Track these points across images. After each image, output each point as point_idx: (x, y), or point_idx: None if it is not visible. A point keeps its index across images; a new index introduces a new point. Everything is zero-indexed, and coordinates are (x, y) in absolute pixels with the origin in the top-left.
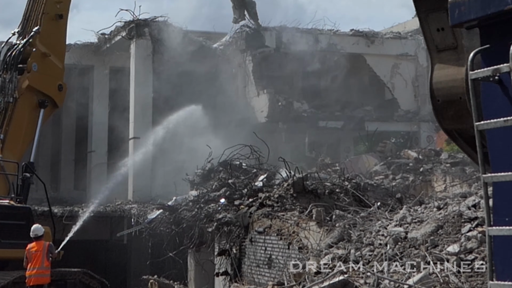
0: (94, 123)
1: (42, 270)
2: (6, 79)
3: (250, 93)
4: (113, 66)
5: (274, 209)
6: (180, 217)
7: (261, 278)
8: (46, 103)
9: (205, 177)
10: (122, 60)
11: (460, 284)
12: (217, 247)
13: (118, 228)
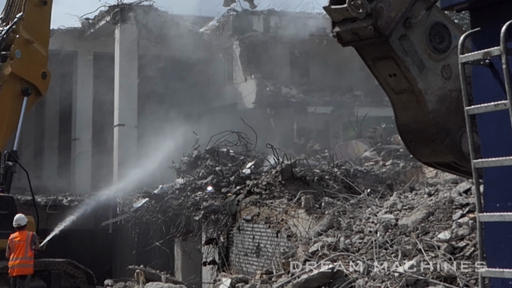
0: (78, 110)
1: (25, 260)
2: None
3: (237, 79)
4: (97, 51)
5: (262, 197)
6: (166, 205)
7: (249, 267)
8: (30, 91)
9: (191, 164)
10: (107, 46)
11: (452, 271)
12: (204, 235)
13: (103, 217)
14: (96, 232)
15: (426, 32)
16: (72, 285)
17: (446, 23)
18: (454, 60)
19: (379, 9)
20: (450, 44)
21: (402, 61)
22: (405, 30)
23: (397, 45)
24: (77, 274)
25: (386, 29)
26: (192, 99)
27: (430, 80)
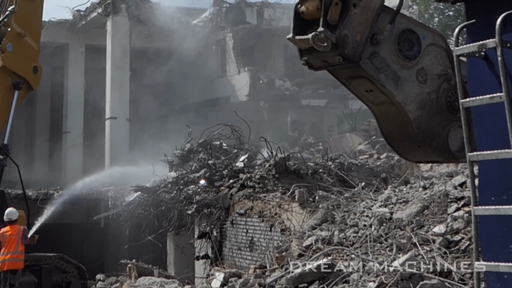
0: (69, 103)
1: (16, 254)
2: None
3: (230, 71)
4: (89, 44)
5: (256, 190)
6: (158, 199)
7: (242, 261)
8: (21, 85)
9: (184, 158)
10: (98, 38)
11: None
12: (197, 230)
13: (94, 211)
14: (87, 226)
15: (395, 42)
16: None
17: (412, 27)
18: (427, 61)
19: (344, 37)
20: (420, 47)
21: (376, 79)
22: (373, 48)
23: (368, 65)
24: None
25: (355, 55)
26: (185, 92)
27: (407, 89)
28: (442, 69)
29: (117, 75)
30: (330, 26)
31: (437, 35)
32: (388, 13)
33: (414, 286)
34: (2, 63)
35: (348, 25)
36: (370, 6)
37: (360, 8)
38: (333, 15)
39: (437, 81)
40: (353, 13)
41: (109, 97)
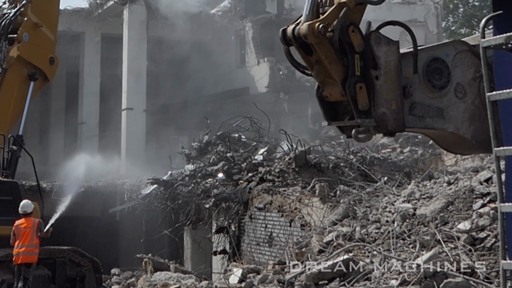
0: (84, 93)
1: (31, 248)
2: None
3: (249, 62)
4: (105, 33)
5: (275, 184)
6: (175, 192)
7: (261, 257)
8: (37, 75)
9: (202, 150)
10: (115, 27)
11: (472, 263)
12: (214, 224)
13: (110, 204)
14: (103, 220)
15: (424, 80)
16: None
17: (432, 55)
18: (459, 74)
19: (381, 117)
20: (449, 68)
21: (424, 127)
22: (409, 100)
23: (412, 121)
24: (83, 263)
25: (399, 125)
26: (203, 83)
27: (453, 115)
28: (474, 71)
29: (134, 65)
30: (364, 112)
31: (456, 43)
32: (406, 57)
33: (437, 284)
34: (18, 53)
35: (380, 101)
36: (391, 68)
37: (383, 77)
38: (362, 101)
39: (475, 85)
40: (379, 87)
41: (125, 87)
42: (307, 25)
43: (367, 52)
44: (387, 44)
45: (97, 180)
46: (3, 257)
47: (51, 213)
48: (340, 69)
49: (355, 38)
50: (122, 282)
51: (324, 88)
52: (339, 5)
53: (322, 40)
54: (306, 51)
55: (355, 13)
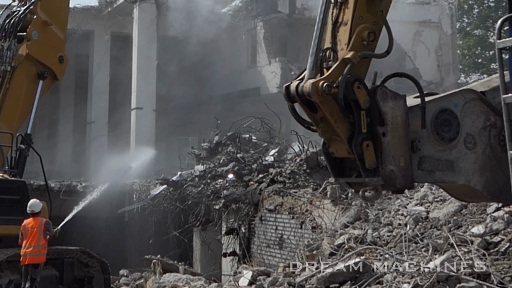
0: (94, 92)
1: (38, 248)
2: (5, 47)
3: (261, 62)
4: (115, 31)
5: (286, 186)
6: (185, 193)
7: (271, 259)
8: (46, 74)
9: (212, 151)
10: (125, 25)
11: (486, 268)
12: (224, 225)
13: (119, 204)
14: (111, 220)
15: (433, 133)
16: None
17: (440, 106)
18: (468, 124)
19: (390, 174)
20: (458, 119)
21: (434, 181)
22: (418, 154)
23: (421, 176)
24: (91, 263)
25: (407, 182)
26: (213, 83)
27: (464, 166)
28: (484, 119)
29: (144, 64)
30: (372, 171)
31: (464, 92)
32: (413, 110)
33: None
34: (27, 51)
35: (388, 159)
36: (398, 123)
37: (390, 133)
38: (370, 159)
39: (485, 134)
40: (386, 144)
41: (135, 86)
42: (311, 84)
43: (373, 108)
44: (394, 99)
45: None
46: (10, 257)
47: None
48: (346, 126)
49: (361, 94)
50: (131, 283)
51: (330, 145)
52: (343, 61)
53: (327, 99)
54: (311, 108)
55: (360, 68)
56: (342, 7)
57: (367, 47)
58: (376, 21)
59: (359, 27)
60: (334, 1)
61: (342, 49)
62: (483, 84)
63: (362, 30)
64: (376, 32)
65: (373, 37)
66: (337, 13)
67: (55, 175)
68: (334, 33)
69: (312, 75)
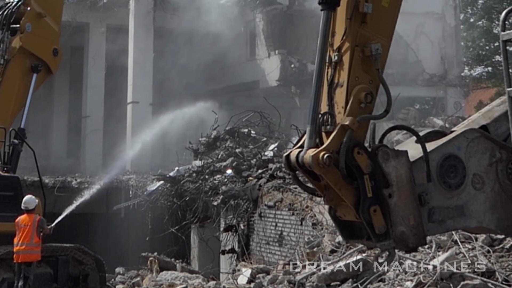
0: (89, 86)
1: (31, 246)
2: None
3: (260, 54)
4: (111, 23)
5: (286, 182)
6: (182, 189)
7: (271, 257)
8: (40, 67)
9: (210, 146)
10: (121, 18)
11: (490, 265)
12: (223, 222)
13: (115, 201)
14: (107, 216)
15: (440, 182)
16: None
17: (443, 152)
18: (474, 163)
19: (400, 236)
20: (463, 162)
21: (446, 230)
22: (427, 207)
23: (433, 228)
24: (86, 261)
25: (420, 240)
26: (211, 76)
27: (475, 209)
28: (490, 156)
29: (140, 57)
30: (382, 235)
31: (466, 133)
32: (417, 164)
33: (454, 287)
34: (21, 44)
35: (397, 220)
36: (403, 181)
37: (396, 193)
38: (379, 224)
39: (492, 170)
40: (393, 206)
41: (131, 80)
42: (311, 157)
43: (377, 171)
44: (396, 158)
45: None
46: (3, 254)
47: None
48: (351, 193)
49: (362, 159)
50: (127, 281)
51: (337, 209)
52: (342, 128)
53: (329, 169)
54: (314, 176)
55: (359, 131)
56: (337, 68)
57: (365, 109)
58: (372, 79)
59: (355, 89)
60: (329, 61)
61: (339, 113)
62: (484, 116)
63: (359, 92)
64: (373, 92)
65: (370, 98)
66: (332, 73)
67: (49, 171)
68: (331, 94)
69: (311, 144)
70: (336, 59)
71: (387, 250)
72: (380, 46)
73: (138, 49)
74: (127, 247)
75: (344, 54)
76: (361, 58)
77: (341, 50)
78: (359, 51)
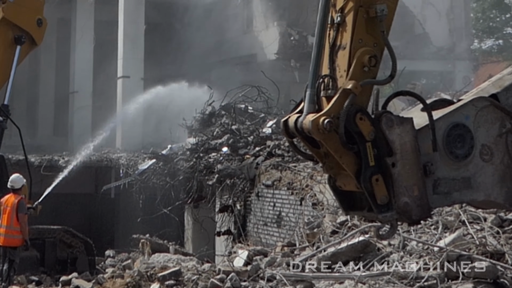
0: (76, 60)
1: (11, 230)
2: None
3: (257, 26)
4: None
5: (285, 160)
6: (176, 168)
7: (269, 238)
8: (23, 39)
9: (205, 122)
10: None
11: (499, 247)
12: (218, 202)
13: (104, 180)
14: (96, 197)
15: (446, 153)
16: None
17: (450, 121)
18: (483, 133)
19: (404, 207)
20: (471, 131)
21: (451, 202)
22: (432, 177)
23: (438, 200)
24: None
25: (424, 212)
26: (206, 49)
27: (482, 181)
28: (499, 126)
29: (131, 30)
30: (384, 206)
31: (475, 101)
32: (422, 132)
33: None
34: (3, 14)
35: (400, 190)
36: (408, 150)
37: (400, 162)
38: (381, 194)
39: (502, 142)
40: (397, 175)
41: (121, 53)
42: (310, 122)
43: (379, 138)
44: (400, 125)
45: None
46: None
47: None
48: (352, 161)
49: (364, 126)
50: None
51: (337, 179)
52: (344, 92)
53: (329, 135)
54: (313, 143)
55: (361, 96)
56: (340, 29)
57: (369, 73)
58: (377, 42)
59: (358, 52)
60: (331, 22)
61: (341, 76)
62: (494, 84)
63: (363, 55)
64: (378, 56)
65: (374, 61)
66: (335, 35)
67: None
68: (332, 57)
69: (311, 109)
70: (339, 20)
71: (389, 222)
72: (386, 7)
73: (129, 21)
74: (118, 229)
75: (347, 15)
76: (365, 19)
77: (344, 10)
78: (363, 11)
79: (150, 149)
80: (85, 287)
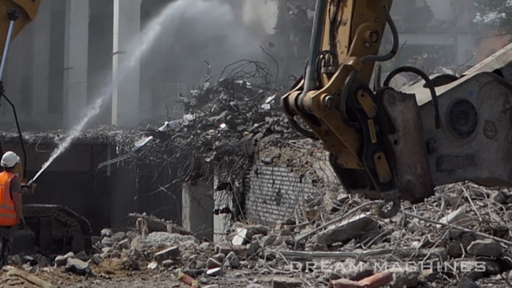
0: (71, 35)
1: (4, 209)
2: None
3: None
4: None
5: (284, 136)
6: (173, 145)
7: (268, 216)
8: (17, 13)
9: (202, 98)
10: None
11: (503, 223)
12: (216, 180)
13: (100, 158)
14: (92, 175)
15: (449, 129)
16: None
17: (453, 97)
18: (486, 110)
19: (407, 185)
20: (474, 108)
21: (455, 180)
22: (435, 155)
23: (441, 178)
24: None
25: (427, 190)
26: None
27: (486, 158)
28: (503, 102)
29: (127, 3)
30: (387, 184)
31: (478, 76)
32: (425, 109)
33: (464, 246)
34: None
35: (403, 168)
36: (410, 126)
37: (403, 139)
38: (383, 172)
39: (506, 118)
40: (399, 152)
41: (117, 28)
42: (311, 99)
43: (381, 115)
44: (403, 101)
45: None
46: None
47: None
48: (354, 138)
49: (366, 102)
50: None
51: (339, 157)
52: (345, 68)
53: (330, 112)
54: (313, 120)
55: (363, 72)
56: (340, 4)
57: (370, 49)
58: (378, 17)
59: (359, 27)
60: None
61: (342, 52)
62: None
63: (364, 31)
64: (379, 31)
65: (375, 37)
66: (335, 10)
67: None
68: (333, 33)
69: (311, 85)
70: None
71: (392, 200)
72: None
73: None
74: (114, 207)
75: None
76: None
77: None
78: None
79: (146, 126)
80: (81, 266)
